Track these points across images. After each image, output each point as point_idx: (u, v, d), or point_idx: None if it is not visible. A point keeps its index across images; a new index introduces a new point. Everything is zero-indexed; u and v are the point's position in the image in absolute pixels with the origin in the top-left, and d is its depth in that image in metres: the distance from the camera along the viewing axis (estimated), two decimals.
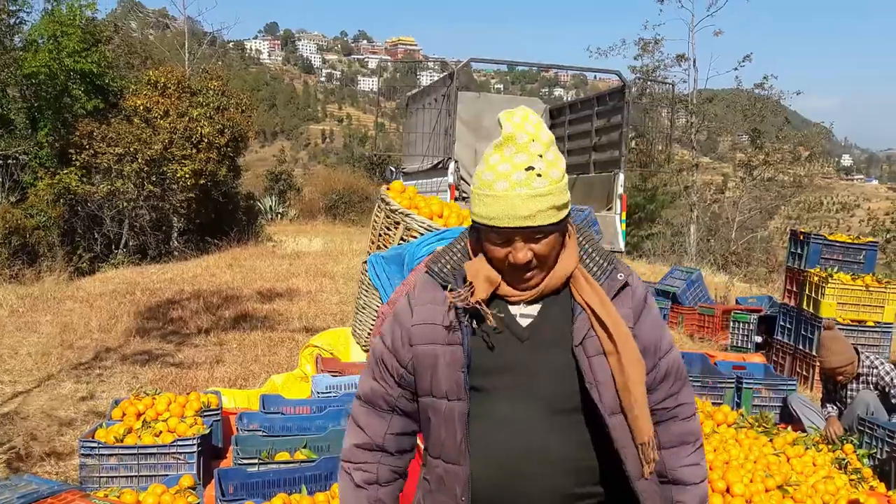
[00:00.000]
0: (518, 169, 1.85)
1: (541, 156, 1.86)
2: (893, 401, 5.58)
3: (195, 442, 4.32)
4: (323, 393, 5.32)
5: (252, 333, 9.08)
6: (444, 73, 13.81)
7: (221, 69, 26.00)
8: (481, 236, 1.90)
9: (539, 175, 1.84)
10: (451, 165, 12.04)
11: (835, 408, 5.87)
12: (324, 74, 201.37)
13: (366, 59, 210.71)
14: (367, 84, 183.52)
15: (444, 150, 12.51)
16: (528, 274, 1.89)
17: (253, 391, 6.08)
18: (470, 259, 1.95)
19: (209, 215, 20.92)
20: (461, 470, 1.89)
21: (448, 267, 1.98)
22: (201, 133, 18.90)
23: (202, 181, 19.09)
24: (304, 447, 4.31)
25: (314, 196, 34.92)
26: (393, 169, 16.86)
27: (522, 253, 1.86)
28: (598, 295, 1.92)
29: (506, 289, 1.92)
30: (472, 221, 1.92)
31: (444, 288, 1.94)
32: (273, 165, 42.61)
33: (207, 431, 4.55)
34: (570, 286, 1.93)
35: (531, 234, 1.85)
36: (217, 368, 7.57)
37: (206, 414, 4.82)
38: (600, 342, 1.89)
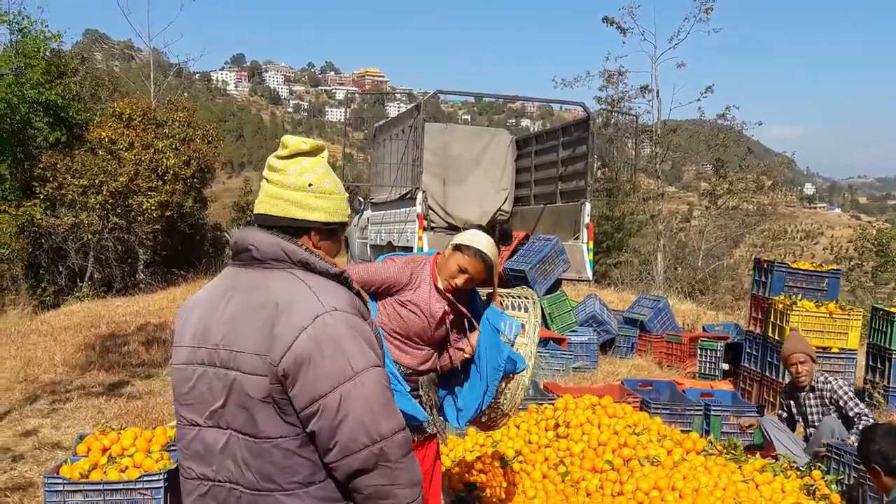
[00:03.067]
0: None
1: None
2: (850, 413, 5.70)
3: (162, 477, 4.26)
4: None
5: None
6: (412, 105, 13.89)
7: (187, 100, 25.94)
8: (335, 236, 2.24)
9: None
10: (419, 196, 12.08)
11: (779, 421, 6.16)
12: (291, 105, 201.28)
13: (333, 91, 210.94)
14: (335, 115, 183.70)
15: (412, 180, 12.55)
16: None
17: None
18: None
19: (175, 247, 20.76)
20: None
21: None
22: (167, 164, 18.81)
23: (168, 213, 18.97)
24: None
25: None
26: (361, 199, 16.87)
27: None
28: None
29: None
30: (342, 223, 2.21)
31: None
32: (240, 196, 42.32)
33: (174, 466, 4.48)
34: None
35: None
36: None
37: (172, 448, 4.75)
38: None
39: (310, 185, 2.14)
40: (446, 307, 3.65)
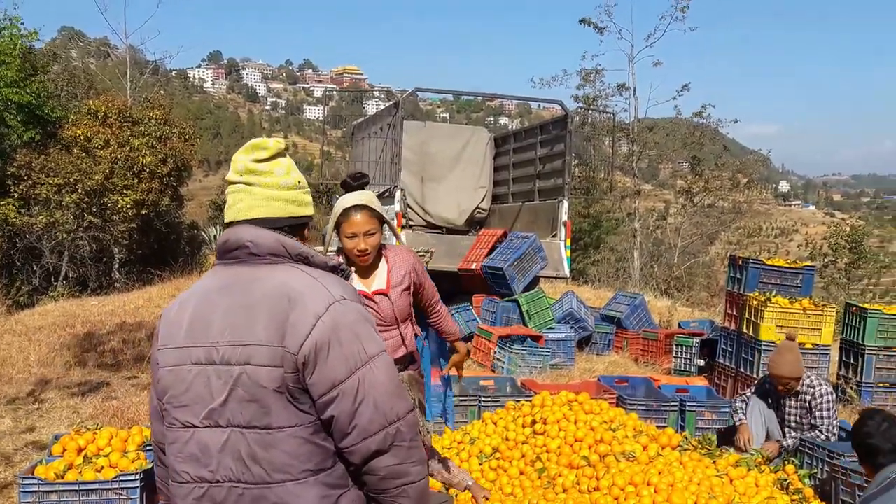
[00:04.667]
0: None
1: None
2: (818, 424, 5.70)
3: (138, 477, 4.25)
4: None
5: None
6: (390, 103, 13.89)
7: (164, 98, 25.74)
8: (302, 231, 2.27)
9: None
10: (398, 193, 12.08)
11: (744, 407, 6.04)
12: (269, 103, 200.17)
13: (311, 88, 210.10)
14: (313, 113, 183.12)
15: (391, 178, 12.55)
16: None
17: None
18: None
19: (151, 246, 20.63)
20: None
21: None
22: (143, 163, 18.68)
23: (144, 211, 18.84)
24: None
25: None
26: (339, 197, 16.83)
27: None
28: None
29: None
30: (311, 216, 2.26)
31: None
32: (217, 194, 42.12)
33: (150, 466, 4.47)
34: None
35: None
36: None
37: (149, 448, 4.74)
38: None
39: (299, 182, 2.22)
40: (366, 289, 3.73)
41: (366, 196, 3.69)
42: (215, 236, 29.81)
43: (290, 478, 2.03)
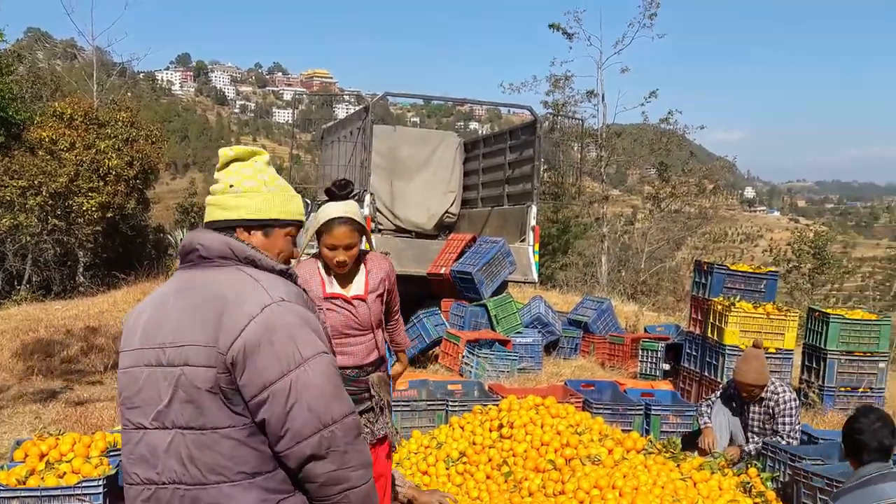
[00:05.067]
0: None
1: None
2: (780, 430, 5.77)
3: (101, 483, 4.20)
4: None
5: None
6: (360, 107, 13.86)
7: (131, 100, 25.54)
8: (271, 234, 2.28)
9: None
10: (367, 198, 12.06)
11: (709, 411, 6.10)
12: (238, 106, 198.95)
13: (281, 91, 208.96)
14: (283, 116, 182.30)
15: (360, 182, 12.52)
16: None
17: None
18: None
19: (117, 249, 20.43)
20: None
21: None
22: (109, 165, 18.50)
23: (109, 214, 18.65)
24: None
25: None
26: (308, 201, 16.77)
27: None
28: None
29: None
30: (273, 219, 2.24)
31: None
32: (184, 198, 41.81)
33: (114, 472, 4.42)
34: None
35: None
36: None
37: (112, 454, 4.69)
38: None
39: (231, 186, 2.22)
40: (345, 293, 3.73)
41: (350, 208, 3.65)
42: (182, 240, 29.69)
43: (225, 480, 2.03)
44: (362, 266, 3.80)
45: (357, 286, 3.77)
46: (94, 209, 17.78)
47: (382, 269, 3.86)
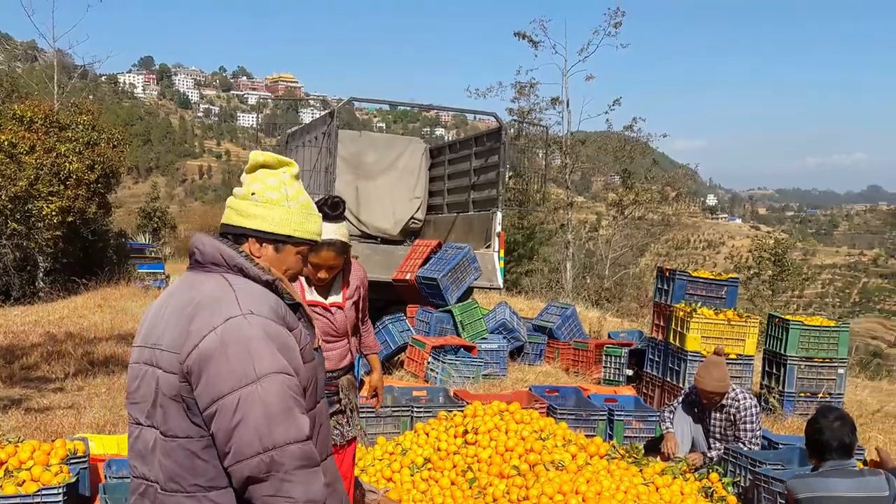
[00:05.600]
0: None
1: None
2: (742, 438, 5.85)
3: (61, 491, 4.15)
4: None
5: (122, 376, 8.75)
6: (325, 111, 13.82)
7: (92, 103, 25.19)
8: (282, 250, 2.22)
9: None
10: None
11: (671, 416, 6.19)
12: (201, 110, 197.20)
13: (245, 96, 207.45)
14: (247, 120, 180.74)
15: (325, 187, 12.48)
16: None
17: (123, 436, 5.86)
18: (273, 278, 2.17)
19: (77, 254, 20.16)
20: (331, 457, 2.29)
21: (284, 290, 2.22)
22: (70, 169, 18.26)
23: (70, 219, 18.40)
24: None
25: (191, 234, 34.17)
26: None
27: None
28: None
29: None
30: (289, 236, 2.20)
31: (294, 309, 2.21)
32: (147, 202, 41.35)
33: (74, 480, 4.37)
34: None
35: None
36: (85, 414, 7.26)
37: (72, 461, 4.63)
38: None
39: (253, 193, 2.19)
40: (324, 300, 3.78)
41: (341, 231, 3.62)
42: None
43: (181, 489, 2.03)
44: (340, 275, 3.83)
45: (335, 294, 3.82)
46: (54, 213, 17.54)
47: (358, 276, 3.93)
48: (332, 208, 3.61)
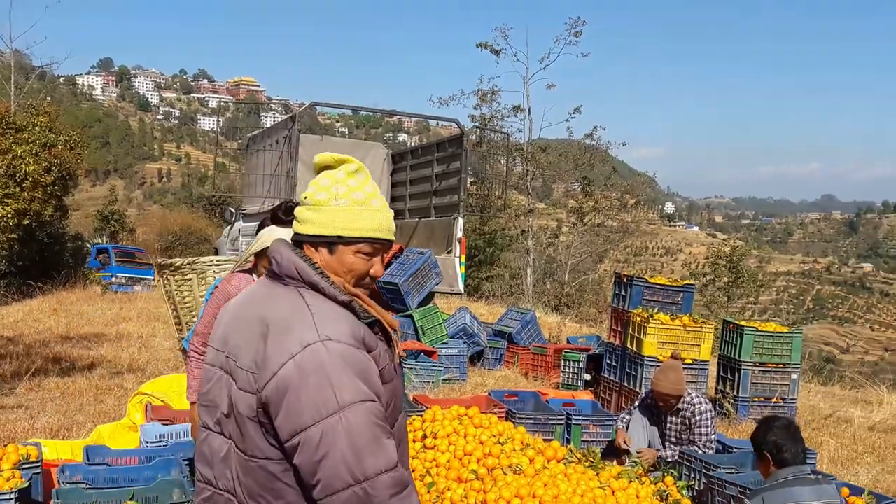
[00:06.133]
0: (378, 192, 2.12)
1: None
2: (697, 440, 5.95)
3: (12, 496, 4.08)
4: (152, 442, 5.14)
5: (77, 381, 8.64)
6: (287, 116, 13.78)
7: (50, 105, 24.81)
8: (336, 252, 2.09)
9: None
10: None
11: (627, 419, 6.32)
12: (161, 112, 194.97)
13: (206, 99, 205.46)
14: (208, 123, 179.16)
15: (286, 191, 12.44)
16: (368, 291, 2.13)
17: (77, 442, 5.80)
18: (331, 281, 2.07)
19: (33, 257, 19.83)
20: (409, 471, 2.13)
21: (360, 307, 2.09)
22: (26, 171, 17.97)
23: (26, 221, 18.11)
24: (131, 499, 4.16)
25: (149, 237, 33.86)
26: (233, 210, 16.58)
27: (381, 267, 2.12)
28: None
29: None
30: (338, 236, 2.08)
31: (371, 326, 2.09)
32: (104, 205, 40.73)
33: (26, 485, 4.30)
34: None
35: (388, 249, 2.13)
36: (38, 419, 7.15)
37: (24, 466, 4.56)
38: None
39: (305, 197, 2.14)
40: None
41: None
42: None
43: None
44: None
45: None
46: (9, 216, 17.25)
47: None
48: (286, 213, 3.64)
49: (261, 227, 3.76)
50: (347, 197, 2.08)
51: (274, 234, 3.60)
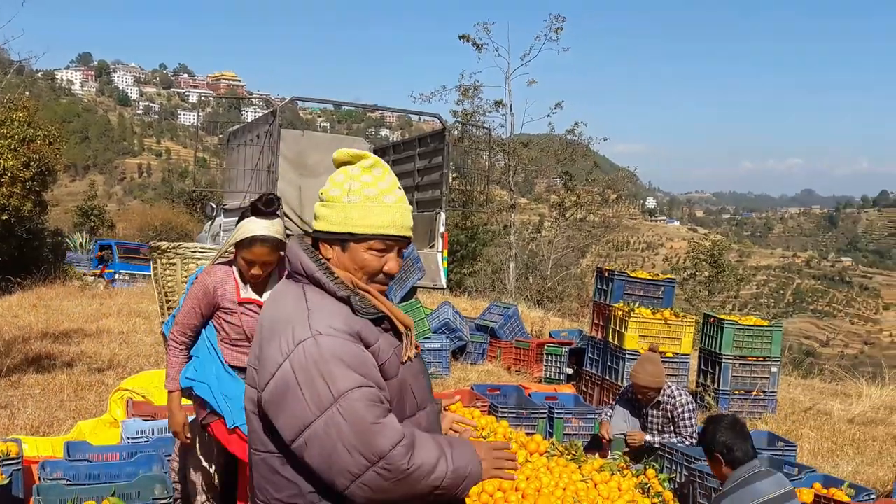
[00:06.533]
0: (395, 186, 2.10)
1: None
2: (677, 430, 6.00)
3: None
4: (134, 438, 5.13)
5: (57, 377, 8.57)
6: (268, 110, 13.73)
7: (29, 99, 24.58)
8: (348, 249, 2.09)
9: (405, 195, 2.12)
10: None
11: (610, 412, 6.40)
12: (141, 107, 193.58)
13: (186, 93, 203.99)
14: (188, 118, 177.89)
15: (267, 186, 12.40)
16: (386, 287, 2.13)
17: (57, 438, 5.77)
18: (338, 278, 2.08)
19: (12, 253, 19.65)
20: None
21: (362, 302, 2.08)
22: (4, 166, 17.80)
23: (5, 217, 17.95)
24: (113, 495, 4.14)
25: (129, 232, 33.65)
26: (214, 205, 16.50)
27: (397, 263, 2.10)
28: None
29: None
30: (349, 233, 2.08)
31: (376, 322, 2.08)
32: (84, 200, 40.44)
33: (6, 482, 4.29)
34: None
35: (404, 245, 2.11)
36: (18, 415, 7.10)
37: (4, 463, 4.53)
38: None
39: (321, 194, 2.15)
40: (259, 297, 3.76)
41: (274, 227, 3.63)
42: (81, 244, 28.61)
43: (265, 501, 2.06)
44: (276, 272, 3.80)
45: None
46: None
47: None
48: (265, 205, 3.62)
49: (241, 219, 3.70)
50: (360, 193, 2.08)
51: (253, 225, 3.59)
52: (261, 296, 3.77)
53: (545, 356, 9.82)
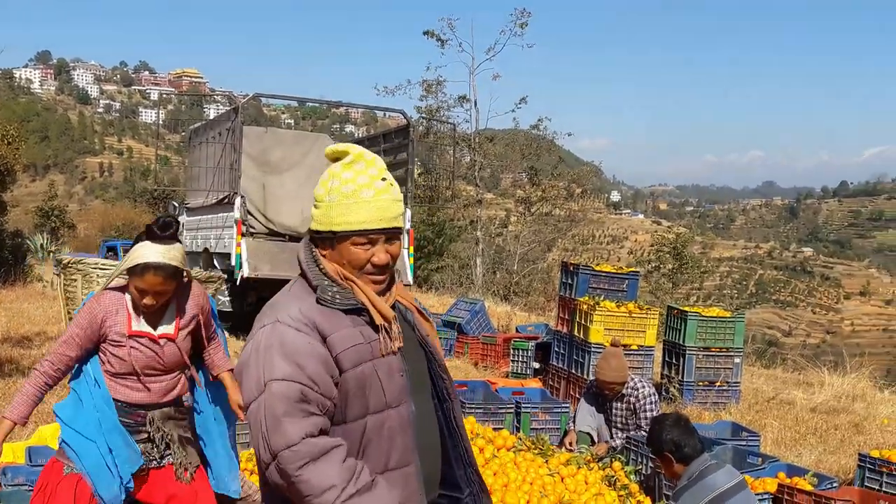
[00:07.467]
0: (375, 179, 2.12)
1: (385, 171, 2.19)
2: (641, 423, 6.05)
3: None
4: None
5: (18, 381, 8.42)
6: (230, 107, 13.59)
7: None
8: (336, 245, 2.12)
9: (391, 184, 2.14)
10: (238, 200, 11.83)
11: (573, 422, 6.43)
12: (101, 105, 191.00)
13: (147, 91, 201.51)
14: (150, 116, 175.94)
15: (230, 184, 12.28)
16: (383, 276, 2.15)
17: (19, 444, 5.67)
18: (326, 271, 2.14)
19: None
20: (412, 468, 2.12)
21: (333, 293, 2.11)
22: None
23: None
24: None
25: (91, 233, 33.22)
26: (176, 204, 16.32)
27: (384, 254, 2.13)
28: (407, 293, 2.30)
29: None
30: (331, 231, 2.12)
31: (347, 312, 2.10)
32: (44, 201, 39.84)
33: None
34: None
35: (392, 235, 2.14)
36: None
37: None
38: (425, 332, 2.27)
39: (314, 194, 2.20)
40: (152, 330, 3.41)
41: (170, 253, 3.28)
42: (42, 245, 28.19)
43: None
44: (174, 302, 3.46)
45: (166, 324, 3.44)
46: None
47: (196, 304, 3.54)
48: (161, 229, 3.28)
49: (136, 242, 3.33)
50: (338, 191, 2.11)
51: (146, 250, 3.24)
52: (155, 329, 3.40)
53: (512, 351, 9.85)
